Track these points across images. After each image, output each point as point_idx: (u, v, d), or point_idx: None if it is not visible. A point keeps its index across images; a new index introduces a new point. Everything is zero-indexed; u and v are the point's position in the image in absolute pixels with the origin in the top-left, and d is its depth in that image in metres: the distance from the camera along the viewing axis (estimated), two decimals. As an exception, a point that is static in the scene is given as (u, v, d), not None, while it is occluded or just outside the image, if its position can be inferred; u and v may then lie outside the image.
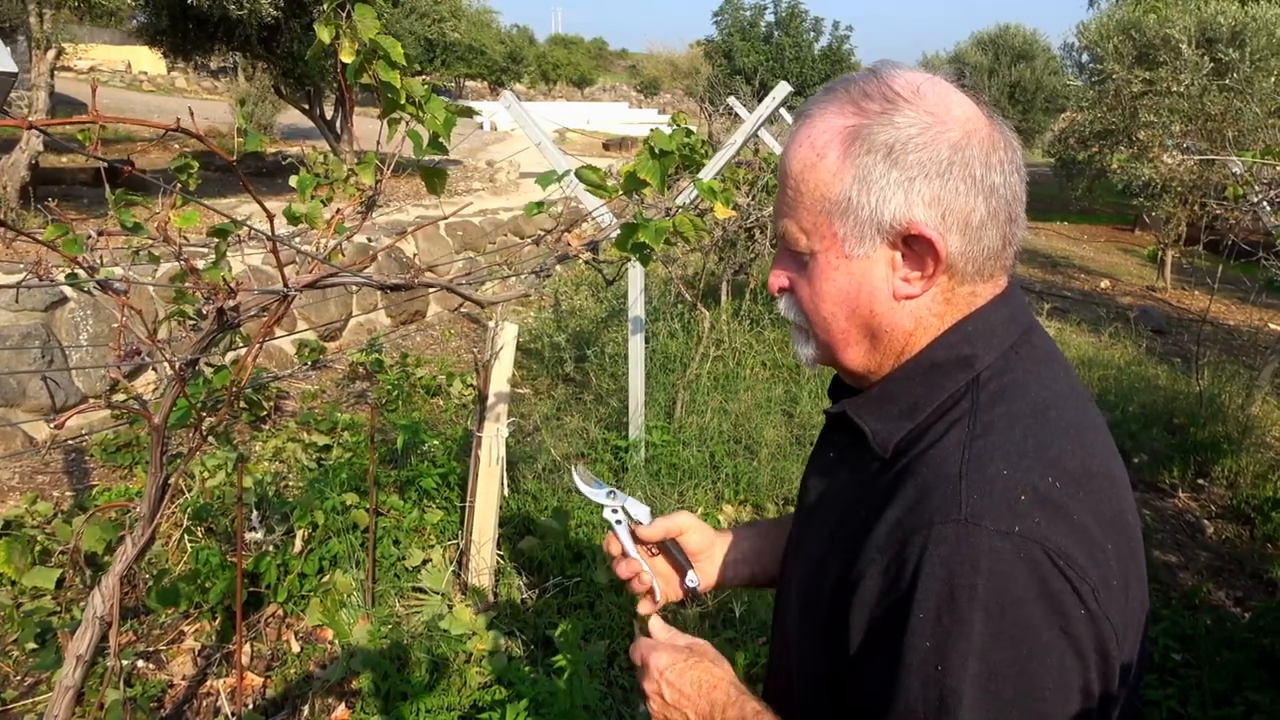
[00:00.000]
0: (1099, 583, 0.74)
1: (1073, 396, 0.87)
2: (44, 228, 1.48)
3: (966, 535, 0.73)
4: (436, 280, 1.65)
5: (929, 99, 0.84)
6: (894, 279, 0.87)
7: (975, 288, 0.88)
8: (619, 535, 1.17)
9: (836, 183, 0.86)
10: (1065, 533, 0.74)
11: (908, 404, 0.88)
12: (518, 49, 40.37)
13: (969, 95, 0.87)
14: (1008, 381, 0.85)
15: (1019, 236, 0.88)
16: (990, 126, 0.86)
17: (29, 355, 4.33)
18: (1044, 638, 0.72)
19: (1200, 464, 5.17)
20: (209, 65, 12.93)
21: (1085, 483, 0.79)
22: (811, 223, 0.88)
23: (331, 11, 1.43)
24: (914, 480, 0.81)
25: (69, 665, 1.66)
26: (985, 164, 0.84)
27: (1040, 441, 0.79)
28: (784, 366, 5.91)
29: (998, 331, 0.87)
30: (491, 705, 2.66)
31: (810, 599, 0.92)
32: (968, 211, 0.83)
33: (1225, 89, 10.11)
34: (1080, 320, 9.33)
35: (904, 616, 0.75)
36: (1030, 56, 22.64)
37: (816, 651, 0.90)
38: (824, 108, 0.88)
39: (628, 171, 1.70)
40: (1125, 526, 0.81)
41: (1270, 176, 5.37)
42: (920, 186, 0.83)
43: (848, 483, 0.93)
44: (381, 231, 7.23)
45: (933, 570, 0.74)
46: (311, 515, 3.32)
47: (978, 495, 0.75)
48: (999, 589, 0.72)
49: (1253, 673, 3.04)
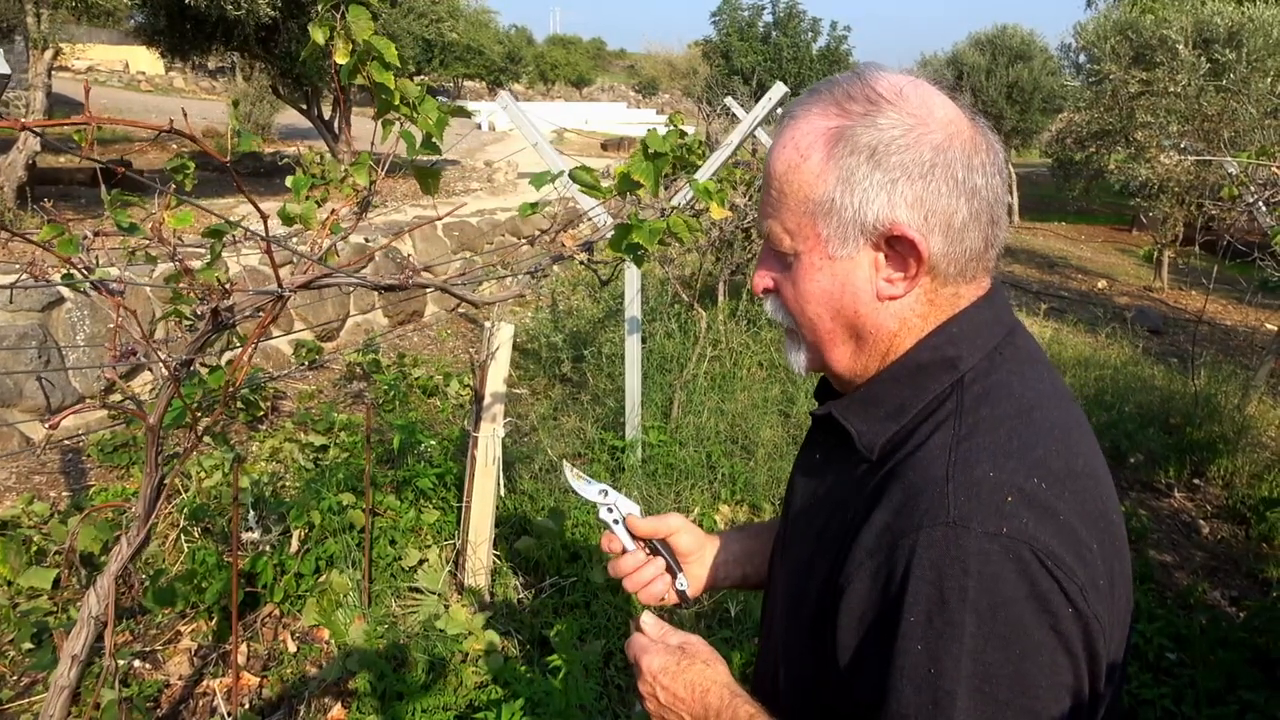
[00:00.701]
0: (1086, 582, 0.75)
1: (1056, 397, 0.88)
2: (41, 228, 1.49)
3: (955, 538, 0.74)
4: (430, 280, 1.65)
5: (911, 101, 0.85)
6: (877, 280, 0.87)
7: (958, 289, 0.88)
8: (617, 533, 1.17)
9: (820, 184, 0.86)
10: (1052, 533, 0.75)
11: (893, 405, 0.88)
12: (516, 49, 40.36)
13: (951, 97, 0.88)
14: (992, 383, 0.86)
15: (1001, 238, 0.89)
16: (972, 129, 0.86)
17: (25, 355, 4.33)
18: (1035, 637, 0.72)
19: (1196, 464, 5.18)
20: (207, 65, 12.92)
21: (1070, 483, 0.79)
22: (795, 223, 0.89)
23: (326, 12, 1.44)
24: (901, 483, 0.81)
25: (64, 665, 1.66)
26: (967, 166, 0.84)
27: (1025, 442, 0.80)
28: (780, 367, 5.91)
29: (982, 333, 0.88)
30: (488, 705, 2.66)
31: (797, 601, 0.92)
32: (950, 213, 0.84)
33: (1222, 89, 10.12)
34: (1077, 320, 9.34)
35: (895, 620, 0.75)
36: (1028, 57, 22.63)
37: (803, 653, 0.90)
38: (808, 109, 0.89)
39: (621, 172, 1.70)
40: (1110, 526, 0.82)
41: (1265, 177, 5.38)
42: (903, 188, 0.83)
43: (834, 484, 0.94)
44: (379, 232, 7.22)
45: (922, 574, 0.74)
46: (308, 515, 3.32)
47: (965, 498, 0.76)
48: (989, 590, 0.72)
49: (1246, 672, 3.04)
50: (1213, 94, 10.09)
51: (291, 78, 12.17)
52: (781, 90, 4.07)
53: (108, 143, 13.27)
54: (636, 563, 1.17)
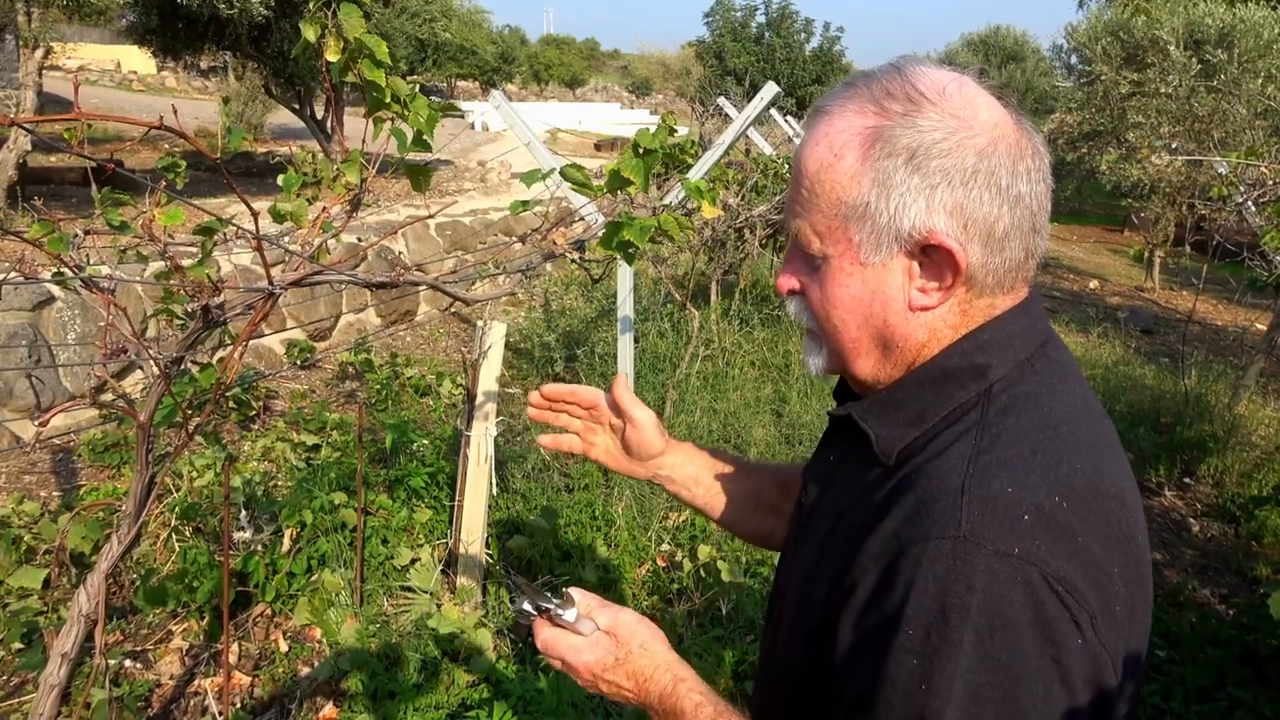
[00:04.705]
0: (1099, 610, 0.72)
1: (1087, 413, 0.84)
2: (31, 227, 1.48)
3: (964, 553, 0.71)
4: (422, 278, 1.66)
5: (954, 101, 0.80)
6: (910, 289, 0.83)
7: (994, 300, 0.84)
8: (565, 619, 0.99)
9: (854, 186, 0.82)
10: (1067, 556, 0.72)
11: (915, 411, 0.85)
12: (509, 49, 40.30)
13: (996, 96, 0.83)
14: (1020, 394, 0.82)
15: (1043, 247, 0.85)
16: (1018, 131, 0.82)
17: (15, 354, 4.32)
18: (1032, 664, 0.70)
19: (1186, 462, 5.21)
20: (199, 65, 12.84)
21: (1094, 503, 0.76)
22: (826, 226, 0.85)
23: (317, 10, 1.44)
24: (915, 491, 0.78)
25: (54, 663, 1.66)
26: (1012, 172, 0.80)
27: (1050, 459, 0.76)
28: (773, 366, 5.93)
29: (1014, 342, 0.84)
30: (479, 704, 2.66)
31: (803, 605, 0.90)
32: (991, 222, 0.80)
33: (1213, 90, 10.17)
34: (1069, 320, 9.38)
35: (892, 631, 0.73)
36: (1020, 58, 22.74)
37: (804, 659, 0.88)
38: (843, 105, 0.84)
39: (612, 169, 1.71)
40: (1135, 550, 0.78)
41: (1254, 176, 5.41)
42: (943, 194, 0.79)
43: (846, 487, 0.91)
44: (371, 231, 7.21)
45: (926, 587, 0.72)
46: (300, 514, 3.32)
47: (978, 512, 0.73)
48: (992, 611, 0.70)
49: (1235, 669, 3.06)
50: (1204, 95, 10.14)
51: (284, 77, 12.13)
52: (773, 90, 4.09)
53: (98, 141, 13.21)
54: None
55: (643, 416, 1.25)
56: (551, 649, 0.97)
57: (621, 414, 1.27)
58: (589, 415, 1.30)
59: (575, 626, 0.96)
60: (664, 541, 3.74)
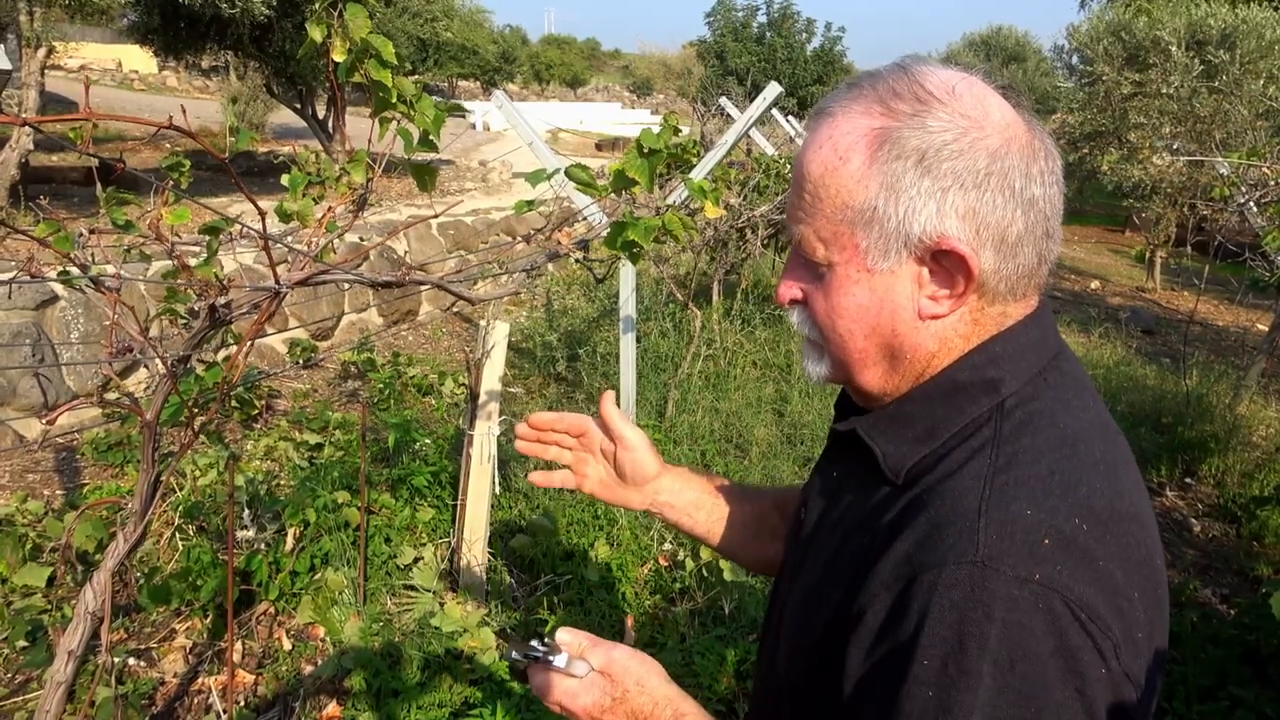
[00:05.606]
0: (1122, 637, 0.69)
1: (1102, 429, 0.81)
2: (34, 226, 1.49)
3: (982, 580, 0.68)
4: (426, 278, 1.66)
5: (965, 101, 0.77)
6: (920, 297, 0.80)
7: (1006, 307, 0.81)
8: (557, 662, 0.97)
9: (861, 190, 0.78)
10: (1089, 582, 0.68)
11: (925, 426, 0.81)
12: (510, 49, 40.34)
13: (1006, 97, 0.81)
14: (1035, 410, 0.79)
15: (1055, 252, 0.82)
16: (1029, 133, 0.79)
17: (20, 353, 4.33)
18: (1056, 697, 0.67)
19: (1188, 463, 5.21)
20: (200, 64, 12.82)
21: (1114, 526, 0.73)
22: (831, 232, 0.81)
23: (323, 10, 1.45)
24: (927, 512, 0.74)
25: (60, 660, 1.66)
26: (1025, 174, 0.77)
27: (1068, 479, 0.73)
28: (774, 366, 5.94)
29: (1027, 355, 0.81)
30: (482, 702, 2.67)
31: (804, 630, 0.87)
32: (1004, 226, 0.77)
33: (1214, 91, 10.17)
34: (1070, 321, 9.39)
35: (906, 661, 0.69)
36: (1022, 58, 22.74)
37: (807, 687, 0.85)
38: (847, 106, 0.81)
39: (616, 170, 1.71)
40: (1153, 572, 0.75)
41: (1256, 177, 5.42)
42: (954, 198, 0.76)
43: (852, 507, 0.87)
44: (374, 230, 7.22)
45: (942, 615, 0.68)
46: (303, 513, 3.32)
47: (996, 536, 0.69)
48: (1013, 641, 0.66)
49: (1237, 669, 3.07)
50: (1205, 96, 10.14)
51: (286, 77, 12.15)
52: (776, 90, 4.09)
53: (101, 141, 13.22)
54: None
55: (633, 437, 1.21)
56: (547, 694, 0.93)
57: (611, 435, 1.22)
58: (579, 444, 1.26)
59: (568, 670, 0.94)
60: (666, 541, 3.75)
